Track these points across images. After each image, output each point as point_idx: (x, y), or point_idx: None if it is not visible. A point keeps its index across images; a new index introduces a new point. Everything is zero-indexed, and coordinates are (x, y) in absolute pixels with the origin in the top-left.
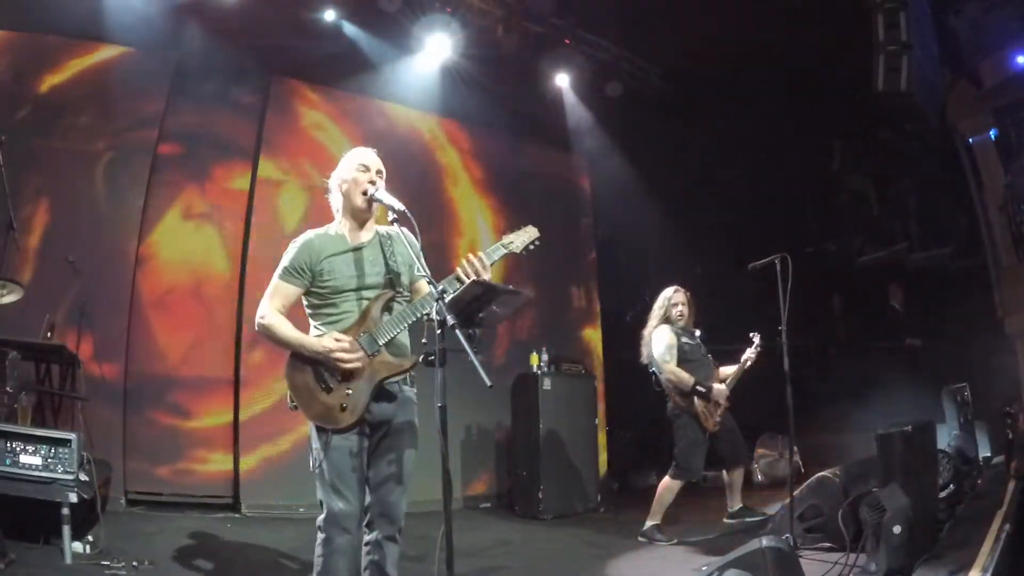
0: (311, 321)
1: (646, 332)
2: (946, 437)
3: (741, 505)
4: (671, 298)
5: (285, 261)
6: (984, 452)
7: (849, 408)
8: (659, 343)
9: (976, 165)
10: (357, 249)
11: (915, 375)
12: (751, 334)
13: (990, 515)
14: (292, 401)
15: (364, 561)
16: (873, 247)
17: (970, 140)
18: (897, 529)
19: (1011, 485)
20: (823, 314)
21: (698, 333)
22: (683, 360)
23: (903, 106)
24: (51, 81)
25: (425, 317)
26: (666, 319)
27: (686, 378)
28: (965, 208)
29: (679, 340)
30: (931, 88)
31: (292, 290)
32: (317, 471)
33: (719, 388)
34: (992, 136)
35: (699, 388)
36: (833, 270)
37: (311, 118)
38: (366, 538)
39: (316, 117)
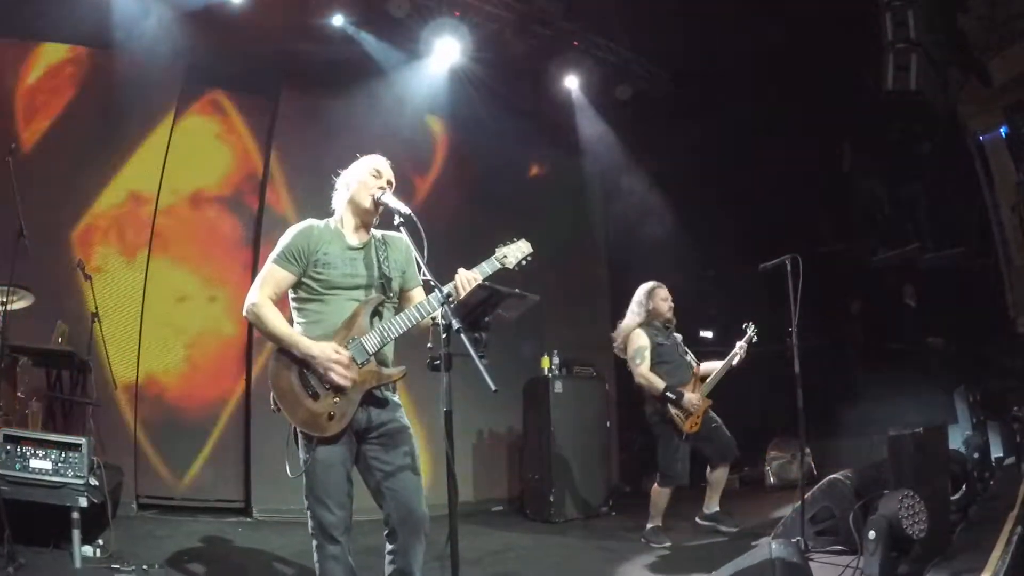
0: (295, 316)
1: (624, 324)
2: (959, 438)
3: (718, 509)
4: (658, 292)
5: (281, 245)
6: (997, 453)
7: (862, 410)
8: (631, 345)
9: (987, 164)
10: (354, 249)
11: (927, 376)
12: (744, 324)
13: (1002, 517)
14: (275, 404)
15: (388, 569)
16: (885, 248)
17: (981, 138)
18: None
19: None
20: (837, 315)
21: (680, 337)
22: (658, 362)
23: (913, 105)
24: (60, 88)
25: (432, 321)
26: (652, 314)
27: (656, 382)
28: (977, 207)
29: (654, 341)
30: (941, 86)
31: (285, 276)
32: (304, 482)
33: (690, 397)
34: (1003, 134)
35: (668, 394)
36: (846, 271)
37: (320, 122)
38: (389, 547)
39: (325, 122)
